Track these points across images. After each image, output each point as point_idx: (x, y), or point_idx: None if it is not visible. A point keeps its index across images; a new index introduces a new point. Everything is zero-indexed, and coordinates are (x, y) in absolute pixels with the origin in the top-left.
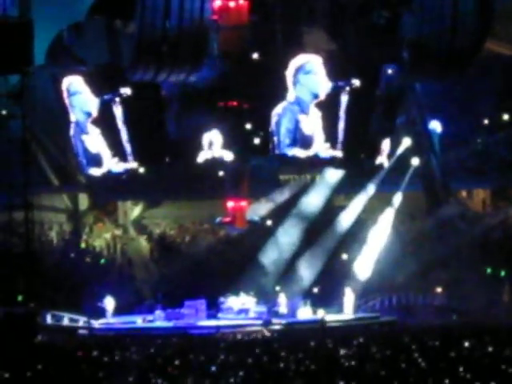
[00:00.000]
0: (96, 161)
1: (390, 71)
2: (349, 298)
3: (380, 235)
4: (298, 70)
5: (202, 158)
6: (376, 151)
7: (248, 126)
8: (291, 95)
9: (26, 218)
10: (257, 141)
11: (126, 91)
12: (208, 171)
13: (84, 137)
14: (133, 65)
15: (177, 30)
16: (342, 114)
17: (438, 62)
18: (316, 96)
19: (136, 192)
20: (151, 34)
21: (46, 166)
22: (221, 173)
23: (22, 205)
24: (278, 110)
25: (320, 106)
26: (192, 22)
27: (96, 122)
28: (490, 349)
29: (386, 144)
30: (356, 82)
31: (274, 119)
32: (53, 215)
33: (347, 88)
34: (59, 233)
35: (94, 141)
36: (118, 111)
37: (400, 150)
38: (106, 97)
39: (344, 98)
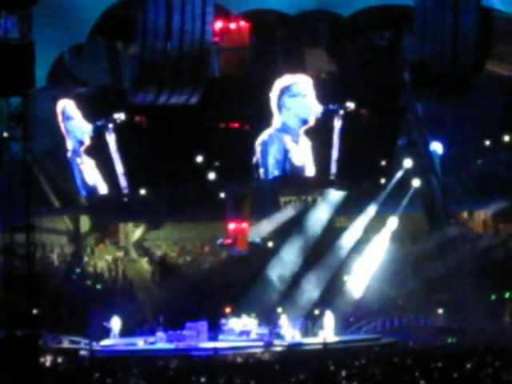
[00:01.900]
0: (94, 193)
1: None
2: (329, 320)
3: (373, 255)
4: (283, 92)
5: None
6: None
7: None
8: (277, 121)
9: (28, 240)
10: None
11: (120, 116)
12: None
13: (82, 166)
14: (134, 86)
15: (178, 52)
16: (335, 140)
17: (440, 83)
18: (305, 121)
19: (137, 214)
20: (152, 55)
21: (48, 188)
22: (222, 195)
23: (24, 227)
24: (263, 137)
25: (310, 133)
26: (193, 44)
27: (90, 152)
28: (492, 370)
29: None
30: (350, 106)
31: (258, 148)
32: (54, 237)
33: (340, 112)
34: (60, 255)
35: (90, 172)
36: (111, 139)
37: (401, 171)
38: (99, 123)
39: (337, 123)
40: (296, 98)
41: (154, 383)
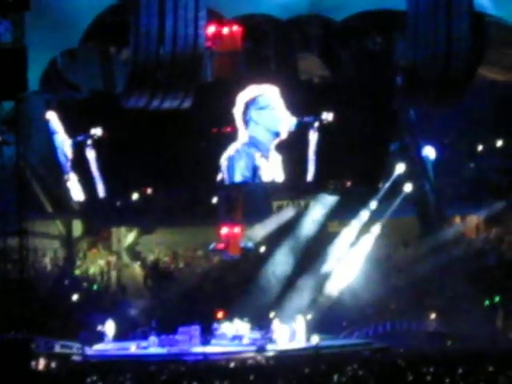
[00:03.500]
0: None
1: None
2: (300, 325)
3: (354, 259)
4: (249, 105)
5: None
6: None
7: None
8: (243, 136)
9: (20, 245)
10: None
11: (97, 132)
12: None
13: (68, 183)
14: (126, 91)
15: (170, 57)
16: (311, 154)
17: (432, 87)
18: (276, 134)
19: (130, 218)
20: (145, 60)
21: (40, 193)
22: (214, 199)
23: (16, 231)
24: (229, 152)
25: (282, 147)
26: (186, 49)
27: (73, 168)
28: (484, 375)
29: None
30: (328, 117)
31: (224, 164)
32: (47, 242)
33: (316, 124)
34: (53, 259)
35: (75, 188)
36: (91, 155)
37: (394, 176)
38: (79, 138)
39: (313, 136)
40: (264, 111)
41: None
